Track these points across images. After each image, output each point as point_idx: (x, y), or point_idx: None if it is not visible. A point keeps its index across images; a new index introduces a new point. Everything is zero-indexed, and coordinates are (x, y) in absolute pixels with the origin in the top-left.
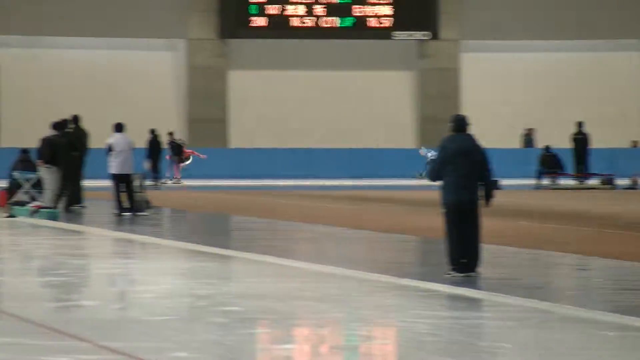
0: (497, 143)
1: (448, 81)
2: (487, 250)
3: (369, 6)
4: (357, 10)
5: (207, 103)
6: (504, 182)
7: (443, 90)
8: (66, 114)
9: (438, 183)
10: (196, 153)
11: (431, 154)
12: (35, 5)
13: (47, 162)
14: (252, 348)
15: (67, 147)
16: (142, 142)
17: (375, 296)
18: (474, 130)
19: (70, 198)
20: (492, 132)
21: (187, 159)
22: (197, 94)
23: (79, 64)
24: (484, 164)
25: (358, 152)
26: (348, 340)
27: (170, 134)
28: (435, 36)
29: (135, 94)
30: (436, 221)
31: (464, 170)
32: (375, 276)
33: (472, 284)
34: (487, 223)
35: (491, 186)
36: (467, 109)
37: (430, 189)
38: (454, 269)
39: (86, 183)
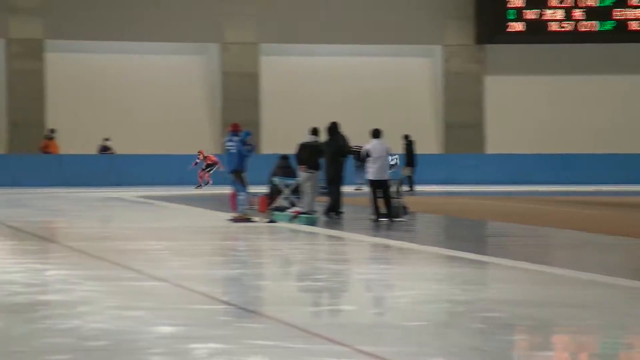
0: None
1: None
2: None
3: (630, 9)
4: (618, 13)
5: (463, 108)
6: None
7: None
8: (322, 120)
9: None
10: (219, 163)
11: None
12: (291, 14)
13: (310, 168)
14: (511, 355)
15: (335, 153)
16: (398, 148)
17: (636, 304)
18: None
19: (332, 204)
20: None
21: (213, 165)
22: (453, 100)
23: (334, 70)
24: None
25: (618, 157)
26: (609, 348)
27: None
28: None
29: (391, 100)
30: None
31: None
32: (635, 283)
33: None
34: None
35: None
36: None
37: None
38: None
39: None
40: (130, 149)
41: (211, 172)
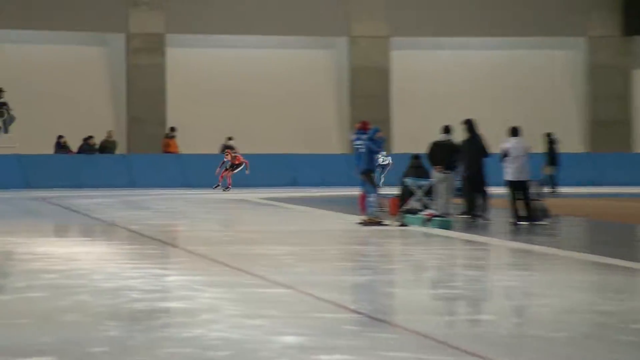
0: None
1: None
2: None
3: None
4: None
5: (609, 104)
6: None
7: None
8: (455, 118)
9: None
10: (246, 163)
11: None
12: (423, 6)
13: (445, 168)
14: None
15: (476, 153)
16: (540, 147)
17: None
18: None
19: (472, 207)
20: None
21: (239, 166)
22: (598, 95)
23: (469, 65)
24: None
25: None
26: None
27: (230, 138)
28: None
29: (531, 95)
30: None
31: None
32: None
33: None
34: None
35: None
36: None
37: None
38: None
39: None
40: (253, 148)
41: (235, 171)
